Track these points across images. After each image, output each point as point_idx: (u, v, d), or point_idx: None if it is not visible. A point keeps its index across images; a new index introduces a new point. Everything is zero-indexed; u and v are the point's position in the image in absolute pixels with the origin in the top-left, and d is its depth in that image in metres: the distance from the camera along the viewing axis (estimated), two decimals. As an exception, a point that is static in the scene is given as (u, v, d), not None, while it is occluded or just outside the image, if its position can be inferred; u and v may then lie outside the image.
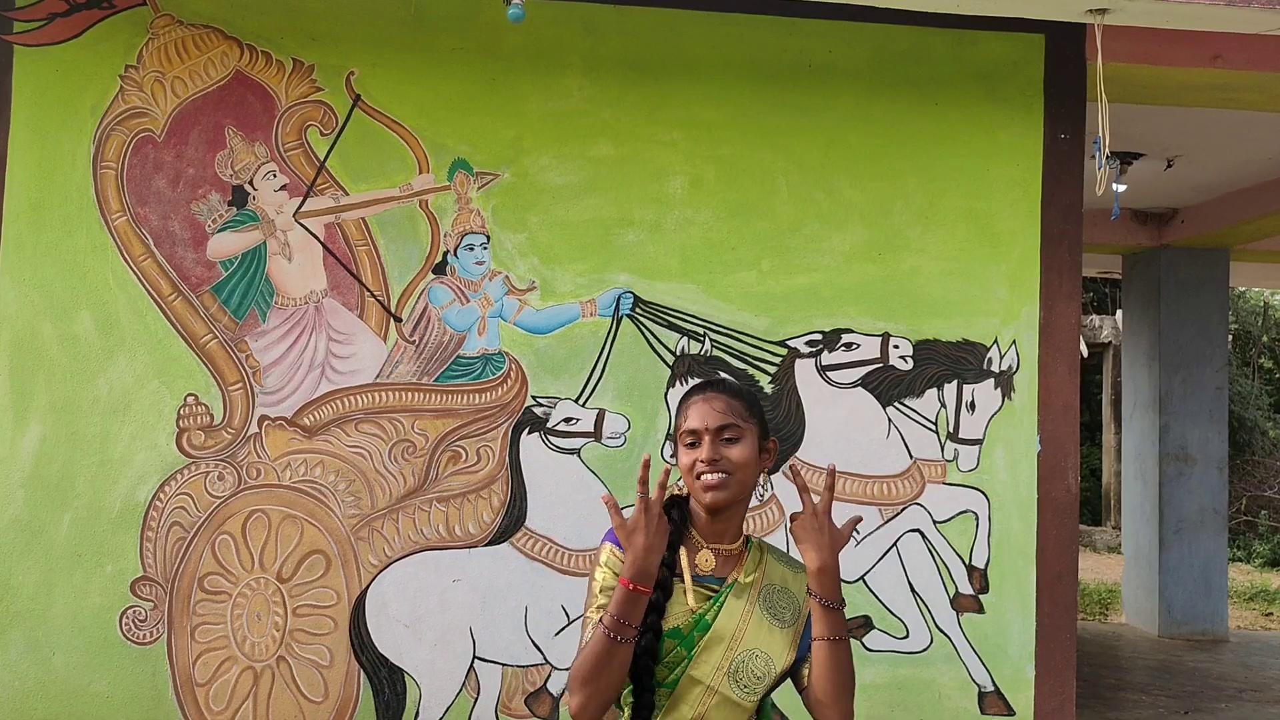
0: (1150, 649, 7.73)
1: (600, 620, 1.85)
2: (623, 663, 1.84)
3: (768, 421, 2.04)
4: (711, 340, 3.76)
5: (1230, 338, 10.84)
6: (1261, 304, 15.59)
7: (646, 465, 1.85)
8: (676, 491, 2.01)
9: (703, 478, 1.92)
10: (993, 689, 3.77)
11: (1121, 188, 5.71)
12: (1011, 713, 3.77)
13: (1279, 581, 11.06)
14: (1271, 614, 9.56)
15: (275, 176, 3.68)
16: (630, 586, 1.83)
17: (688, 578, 1.93)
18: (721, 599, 1.94)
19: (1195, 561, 8.03)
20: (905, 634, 3.76)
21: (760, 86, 3.82)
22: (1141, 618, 8.33)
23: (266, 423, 3.63)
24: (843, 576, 2.01)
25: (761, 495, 2.03)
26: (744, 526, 2.01)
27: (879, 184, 3.84)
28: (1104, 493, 13.53)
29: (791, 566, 2.03)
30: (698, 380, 2.04)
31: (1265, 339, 15.63)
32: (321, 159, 3.69)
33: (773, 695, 1.98)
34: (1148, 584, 8.22)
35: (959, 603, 3.79)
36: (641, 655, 1.89)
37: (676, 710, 1.90)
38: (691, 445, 1.95)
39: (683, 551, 1.96)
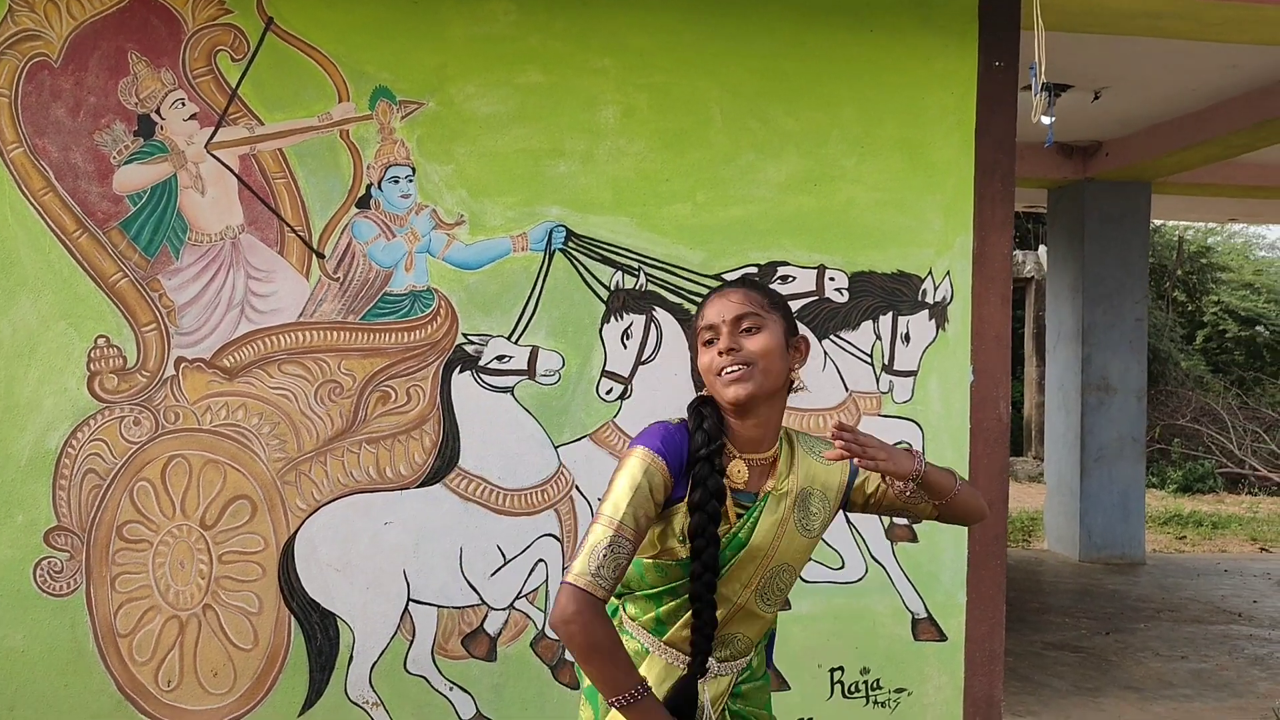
0: (1071, 573, 7.98)
1: (629, 692, 1.70)
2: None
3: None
4: (646, 275, 3.68)
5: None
6: (1175, 238, 16.00)
7: None
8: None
9: (722, 373, 1.78)
10: (925, 616, 3.82)
11: (1051, 119, 5.72)
12: (944, 638, 3.83)
13: (1191, 506, 11.49)
14: (1185, 537, 9.94)
15: (184, 105, 3.48)
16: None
17: None
18: (755, 514, 1.82)
19: (1114, 488, 8.29)
20: (841, 565, 3.79)
21: (693, 12, 3.71)
22: (1063, 544, 8.58)
23: (184, 365, 3.47)
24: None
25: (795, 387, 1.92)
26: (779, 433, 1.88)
27: (815, 113, 3.77)
28: (1025, 424, 13.88)
29: (820, 457, 1.92)
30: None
31: (1179, 272, 16.07)
32: (233, 87, 3.49)
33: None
34: (1069, 511, 8.46)
35: (894, 533, 3.82)
36: (704, 572, 1.77)
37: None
38: (709, 343, 1.81)
39: None
